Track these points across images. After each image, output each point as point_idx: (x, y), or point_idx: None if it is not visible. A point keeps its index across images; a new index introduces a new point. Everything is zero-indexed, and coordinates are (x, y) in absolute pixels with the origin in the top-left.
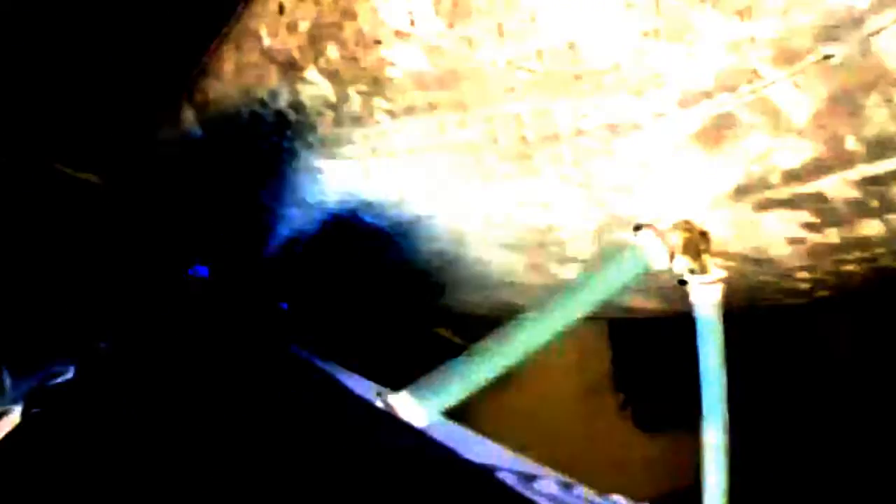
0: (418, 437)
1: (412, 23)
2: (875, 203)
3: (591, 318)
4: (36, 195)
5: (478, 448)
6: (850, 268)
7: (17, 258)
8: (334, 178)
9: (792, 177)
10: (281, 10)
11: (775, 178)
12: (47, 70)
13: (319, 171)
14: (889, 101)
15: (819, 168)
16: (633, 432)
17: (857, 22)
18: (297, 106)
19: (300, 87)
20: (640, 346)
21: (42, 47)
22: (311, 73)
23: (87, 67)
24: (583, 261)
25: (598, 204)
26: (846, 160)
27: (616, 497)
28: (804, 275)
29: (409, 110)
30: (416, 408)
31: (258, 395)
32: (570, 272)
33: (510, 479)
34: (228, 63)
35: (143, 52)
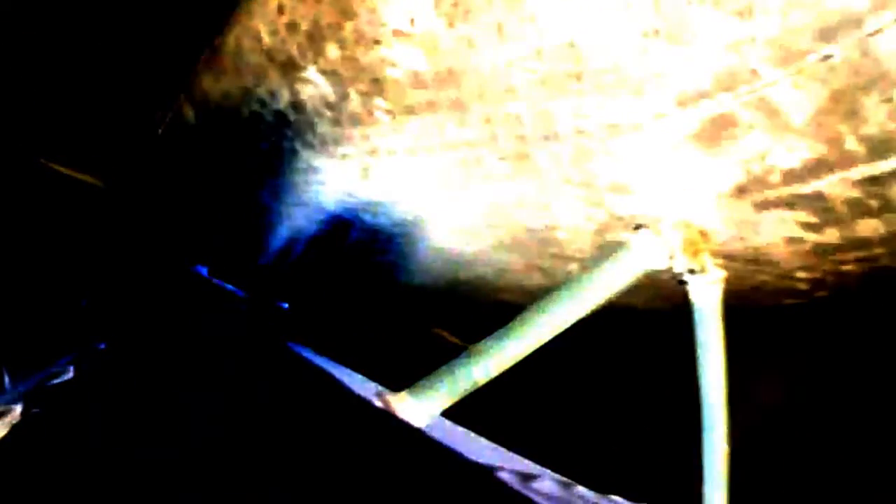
0: (418, 437)
1: (412, 22)
2: (875, 203)
3: None
4: (35, 196)
5: (478, 448)
6: (849, 268)
7: (17, 259)
8: (334, 178)
9: (792, 176)
10: (281, 9)
11: (775, 178)
12: (46, 70)
13: (319, 170)
14: (888, 100)
15: (819, 168)
16: None
17: (857, 22)
18: (296, 105)
19: (300, 86)
20: None
21: (42, 48)
22: (310, 72)
23: (87, 68)
24: (582, 260)
25: (598, 204)
26: (846, 160)
27: (615, 497)
28: (803, 275)
29: (409, 110)
30: (416, 408)
31: (258, 395)
32: (569, 272)
33: (510, 479)
34: (228, 63)
35: (143, 51)
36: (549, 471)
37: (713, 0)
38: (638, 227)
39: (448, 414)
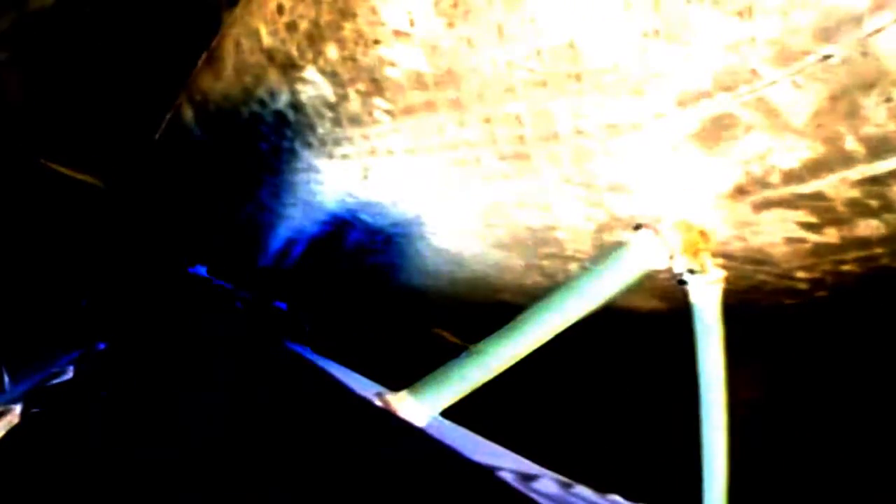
0: (418, 437)
1: (412, 23)
2: (875, 203)
3: None
4: (35, 197)
5: (478, 448)
6: (849, 268)
7: (17, 259)
8: (333, 178)
9: (791, 177)
10: (280, 9)
11: (775, 178)
12: (46, 70)
13: (318, 170)
14: (888, 100)
15: (819, 168)
16: None
17: (857, 22)
18: (296, 106)
19: (299, 86)
20: None
21: (41, 48)
22: (310, 72)
23: (87, 68)
24: (582, 260)
25: (598, 204)
26: (846, 160)
27: (615, 497)
28: (803, 275)
29: (408, 110)
30: (416, 408)
31: (258, 395)
32: (569, 272)
33: (510, 479)
34: (228, 63)
35: (143, 52)
36: (549, 471)
37: (713, 0)
38: (638, 227)
39: (448, 414)
